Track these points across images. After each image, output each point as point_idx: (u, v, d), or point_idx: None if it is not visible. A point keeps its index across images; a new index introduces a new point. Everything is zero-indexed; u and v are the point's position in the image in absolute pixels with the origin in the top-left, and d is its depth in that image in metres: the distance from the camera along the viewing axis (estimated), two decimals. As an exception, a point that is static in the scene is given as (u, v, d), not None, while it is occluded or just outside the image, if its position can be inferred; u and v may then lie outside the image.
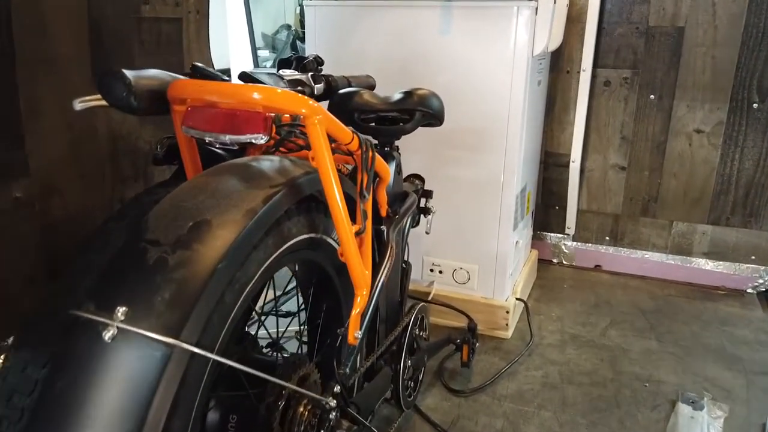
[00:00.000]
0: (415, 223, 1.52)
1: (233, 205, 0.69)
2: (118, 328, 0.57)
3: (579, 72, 2.11)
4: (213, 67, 1.68)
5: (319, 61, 1.24)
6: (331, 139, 0.85)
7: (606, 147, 2.20)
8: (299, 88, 1.13)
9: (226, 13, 3.52)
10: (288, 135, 0.83)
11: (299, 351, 1.00)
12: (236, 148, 0.73)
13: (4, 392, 0.72)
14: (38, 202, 1.15)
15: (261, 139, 0.70)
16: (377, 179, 1.08)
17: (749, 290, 2.16)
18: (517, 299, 1.89)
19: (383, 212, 1.17)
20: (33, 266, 1.15)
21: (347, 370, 0.88)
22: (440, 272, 1.89)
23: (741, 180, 2.06)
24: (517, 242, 1.89)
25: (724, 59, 1.97)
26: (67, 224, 1.22)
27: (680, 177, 2.14)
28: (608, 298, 2.11)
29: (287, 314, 1.27)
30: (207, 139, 0.72)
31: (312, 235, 0.89)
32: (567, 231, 2.35)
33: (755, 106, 1.97)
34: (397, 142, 1.31)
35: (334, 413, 0.85)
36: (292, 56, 1.25)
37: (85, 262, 0.78)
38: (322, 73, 1.25)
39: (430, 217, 1.52)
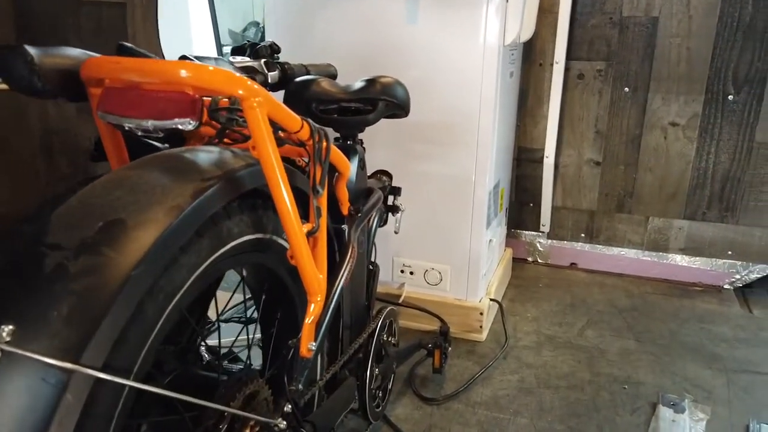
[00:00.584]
0: (383, 222, 1.43)
1: (155, 201, 0.59)
2: (2, 350, 0.47)
3: (552, 64, 2.05)
4: (162, 55, 1.56)
5: (274, 48, 1.14)
6: (282, 128, 0.75)
7: (580, 142, 2.14)
8: (250, 75, 1.04)
9: (188, 7, 3.39)
10: (230, 123, 0.73)
11: (248, 363, 0.90)
12: (160, 135, 0.64)
13: None
14: (-43, 203, 1.03)
15: (189, 125, 0.61)
16: (336, 174, 0.99)
17: (726, 286, 2.12)
18: (491, 300, 1.81)
19: (344, 210, 1.08)
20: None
21: (300, 386, 0.79)
22: (411, 273, 1.81)
23: (717, 174, 2.02)
24: (490, 241, 1.81)
25: (699, 50, 1.92)
26: (-6, 226, 1.10)
27: (656, 171, 2.09)
28: (584, 297, 2.05)
29: (242, 321, 1.17)
30: (126, 126, 0.62)
31: (259, 235, 0.79)
32: (542, 228, 2.28)
33: (730, 98, 1.93)
34: (360, 136, 1.22)
35: (284, 435, 0.75)
36: (247, 43, 1.15)
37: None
38: (279, 60, 1.15)
39: (398, 215, 1.43)
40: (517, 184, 2.24)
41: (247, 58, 1.11)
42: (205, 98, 0.67)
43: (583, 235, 2.25)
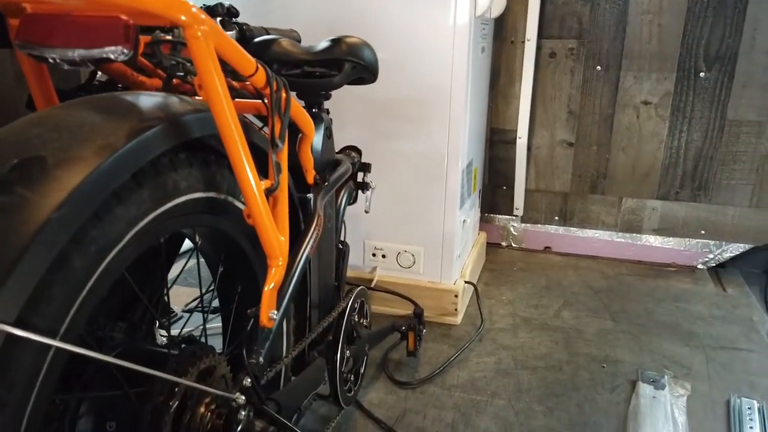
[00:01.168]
0: (353, 199, 1.36)
1: (82, 139, 0.51)
2: None
3: (524, 42, 2.01)
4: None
5: (232, 11, 1.06)
6: (234, 75, 0.68)
7: (553, 122, 2.10)
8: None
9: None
10: (174, 67, 0.66)
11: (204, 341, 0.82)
12: (90, 67, 0.56)
13: None
14: None
15: (122, 54, 0.53)
16: (300, 136, 0.92)
17: (700, 266, 2.11)
18: (466, 282, 1.76)
19: (309, 178, 1.01)
20: None
21: (260, 359, 0.72)
22: (383, 257, 1.74)
23: (689, 152, 2.01)
24: (464, 221, 1.76)
25: (671, 27, 1.90)
26: None
27: (628, 151, 2.06)
28: (559, 280, 2.02)
29: (201, 309, 1.09)
30: (49, 57, 0.54)
31: (212, 194, 0.72)
32: (515, 212, 2.24)
33: (702, 75, 1.92)
34: (327, 105, 1.15)
35: (244, 412, 0.68)
36: (203, 7, 1.07)
37: None
38: (237, 21, 1.08)
39: (368, 193, 1.37)
40: (490, 166, 2.20)
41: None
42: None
43: (556, 218, 2.22)
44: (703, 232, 2.07)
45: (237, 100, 0.79)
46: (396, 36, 1.54)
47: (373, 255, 1.75)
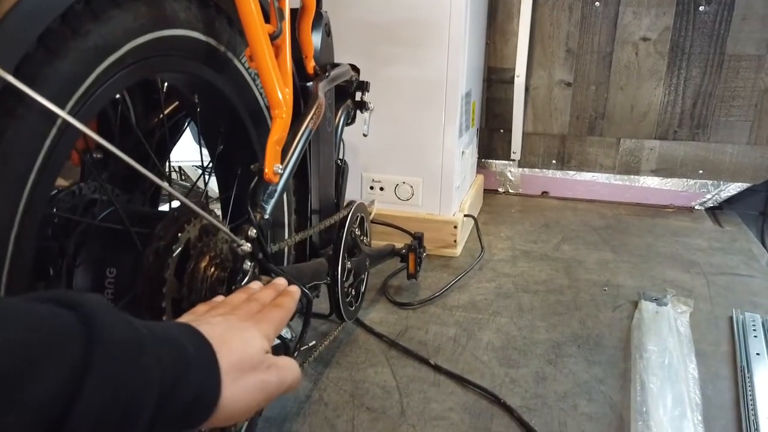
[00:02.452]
0: (351, 119, 1.33)
1: None
2: None
3: (521, -24, 1.97)
4: None
5: None
6: None
7: (551, 61, 2.07)
8: None
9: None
10: None
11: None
12: None
13: None
14: None
15: None
16: (300, 10, 0.89)
17: (697, 207, 2.11)
18: (465, 216, 1.74)
19: (309, 67, 0.98)
20: None
21: (265, 215, 0.69)
22: (381, 189, 1.72)
23: (688, 90, 1.99)
24: (463, 152, 1.74)
25: (670, -41, 1.87)
26: None
27: (627, 90, 2.04)
28: (558, 220, 2.00)
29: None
30: None
31: (211, 41, 0.68)
32: (512, 156, 2.22)
33: (702, 8, 1.89)
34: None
35: (249, 263, 0.65)
36: None
37: None
38: None
39: (367, 115, 1.34)
40: (487, 108, 2.17)
41: None
42: None
43: (554, 161, 2.20)
44: (701, 171, 2.06)
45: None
46: (394, -45, 1.50)
47: (371, 188, 1.72)
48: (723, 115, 1.98)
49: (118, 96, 0.74)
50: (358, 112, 1.33)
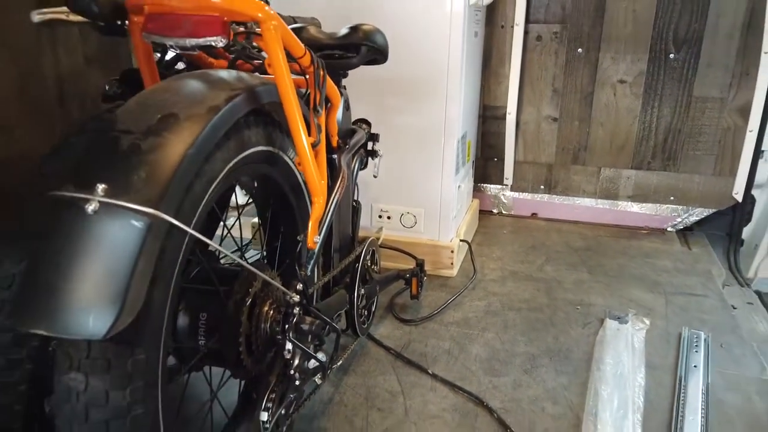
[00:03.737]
0: (364, 165, 1.59)
1: (198, 102, 0.74)
2: (99, 202, 0.62)
3: (513, 27, 2.23)
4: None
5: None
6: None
7: (539, 99, 2.33)
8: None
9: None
10: (242, 51, 0.88)
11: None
12: (196, 52, 0.78)
13: (-18, 287, 0.75)
14: (-11, 138, 1.15)
15: (221, 42, 0.76)
16: (329, 105, 1.15)
17: (669, 228, 2.36)
18: (461, 240, 2.01)
19: (334, 142, 1.24)
20: (-14, 202, 1.16)
21: (308, 272, 0.95)
22: (388, 218, 1.98)
23: (660, 126, 2.24)
24: (459, 186, 2.00)
25: (644, 12, 2.13)
26: (16, 162, 1.23)
27: (606, 126, 2.30)
28: (544, 241, 2.26)
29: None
30: (168, 44, 0.77)
31: (269, 148, 0.95)
32: (505, 182, 2.48)
33: (672, 56, 2.15)
34: (344, 82, 1.37)
35: (298, 309, 0.92)
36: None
37: (51, 169, 0.82)
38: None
39: (377, 159, 1.60)
40: (482, 140, 2.43)
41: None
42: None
43: (542, 186, 2.46)
44: (672, 198, 2.32)
45: (285, 76, 1.01)
46: (399, 21, 1.75)
47: (380, 216, 1.99)
48: (691, 149, 2.24)
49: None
50: (369, 158, 1.60)
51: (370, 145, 1.57)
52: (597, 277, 1.96)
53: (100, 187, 0.63)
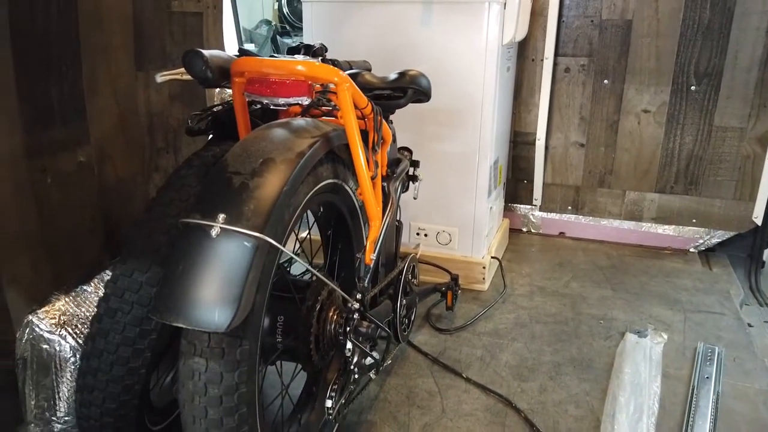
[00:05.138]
0: (405, 188, 1.78)
1: (288, 148, 0.94)
2: (221, 227, 0.82)
3: (542, 60, 2.40)
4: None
5: (324, 48, 1.49)
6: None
7: (567, 126, 2.49)
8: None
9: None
10: (318, 102, 1.08)
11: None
12: (284, 109, 0.98)
13: (118, 291, 0.96)
14: (96, 165, 1.38)
15: (306, 100, 0.96)
16: (382, 141, 1.34)
17: (692, 249, 2.49)
18: (492, 257, 2.17)
19: (384, 171, 1.43)
20: (93, 220, 1.38)
21: (366, 284, 1.14)
22: (425, 235, 2.16)
23: (682, 153, 2.38)
24: (491, 208, 2.17)
25: (666, 48, 2.28)
26: (117, 186, 1.45)
27: (631, 152, 2.45)
28: (570, 259, 2.41)
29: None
30: (264, 101, 0.97)
31: (335, 180, 1.14)
32: (534, 202, 2.64)
33: (693, 88, 2.29)
34: (391, 117, 1.57)
35: (356, 314, 1.11)
36: (300, 44, 1.49)
37: (167, 198, 1.02)
38: (328, 57, 1.50)
39: (417, 183, 1.78)
40: (513, 163, 2.60)
41: (307, 57, 1.45)
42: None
43: (570, 207, 2.61)
44: (694, 220, 2.44)
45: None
46: (438, 60, 1.95)
47: (417, 234, 2.17)
48: (712, 175, 2.37)
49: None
50: (410, 182, 1.79)
51: (411, 171, 1.76)
52: (620, 293, 2.10)
53: (221, 216, 0.83)
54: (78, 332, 1.21)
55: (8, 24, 1.12)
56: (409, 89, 1.46)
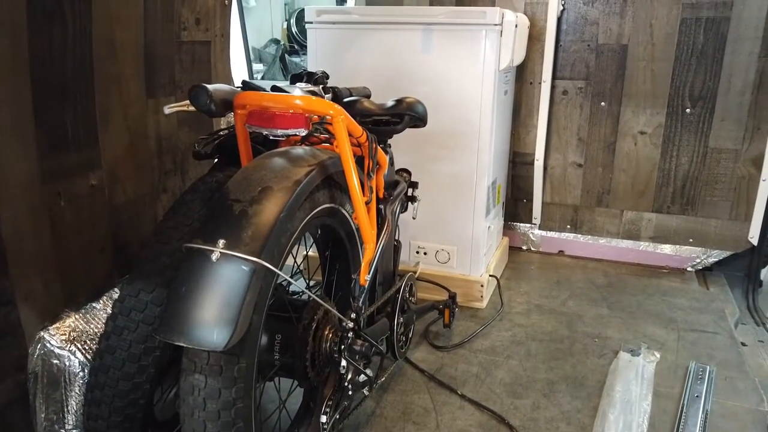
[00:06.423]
0: (404, 209, 1.84)
1: (285, 177, 1.00)
2: (221, 252, 0.88)
3: (540, 83, 2.46)
4: (232, 80, 1.98)
5: (326, 76, 1.56)
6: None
7: (565, 147, 2.55)
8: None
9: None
10: (313, 132, 1.15)
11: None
12: (284, 138, 1.04)
13: (125, 310, 1.02)
14: (107, 188, 1.45)
15: (303, 132, 1.02)
16: (377, 167, 1.40)
17: (689, 268, 2.52)
18: (490, 276, 2.22)
19: (381, 194, 1.49)
20: (103, 240, 1.45)
21: (360, 304, 1.20)
22: (425, 254, 2.22)
23: (678, 174, 2.43)
24: (489, 227, 2.22)
25: (661, 72, 2.33)
26: (126, 207, 1.52)
27: (628, 172, 2.49)
28: (569, 277, 2.45)
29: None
30: (264, 132, 1.04)
31: (332, 205, 1.20)
32: (534, 221, 2.69)
33: (688, 111, 2.34)
34: (389, 141, 1.63)
35: (351, 333, 1.16)
36: (303, 72, 1.56)
37: (173, 222, 1.09)
38: (329, 85, 1.57)
39: (416, 204, 1.84)
40: (512, 183, 2.65)
41: (309, 84, 1.52)
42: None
43: (568, 226, 2.65)
44: (691, 240, 2.48)
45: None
46: (437, 84, 2.01)
47: (417, 252, 2.23)
48: (708, 195, 2.41)
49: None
50: (409, 202, 1.84)
51: (410, 191, 1.82)
52: (616, 312, 2.14)
53: (221, 242, 0.89)
54: (87, 348, 1.27)
55: (28, 55, 1.20)
56: (405, 115, 1.52)
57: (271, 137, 1.05)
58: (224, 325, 0.86)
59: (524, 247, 2.75)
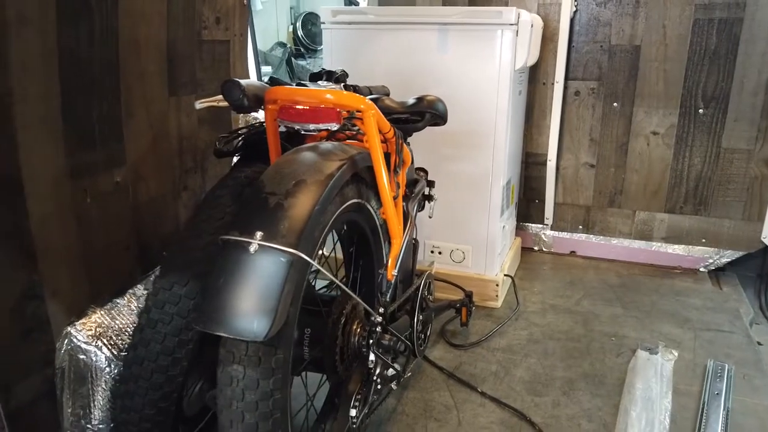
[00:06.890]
0: (421, 207, 1.84)
1: (318, 170, 1.01)
2: (258, 244, 0.89)
3: (553, 84, 2.47)
4: (250, 79, 1.99)
5: (346, 74, 1.57)
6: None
7: (577, 148, 2.56)
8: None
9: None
10: (343, 127, 1.16)
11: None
12: (316, 133, 1.05)
13: (159, 303, 1.03)
14: (131, 186, 1.45)
15: (335, 126, 1.03)
16: (402, 163, 1.41)
17: (701, 269, 2.52)
18: (505, 275, 2.22)
19: (403, 191, 1.50)
20: (127, 236, 1.46)
21: (387, 299, 1.20)
22: (440, 253, 2.22)
23: (691, 174, 2.43)
24: (504, 227, 2.23)
25: (674, 72, 2.34)
26: (149, 205, 1.53)
27: (641, 173, 2.50)
28: (582, 277, 2.46)
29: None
30: (296, 127, 1.04)
31: (359, 200, 1.21)
32: (546, 222, 2.69)
33: (701, 111, 2.35)
34: (408, 139, 1.64)
35: (379, 328, 1.16)
36: (322, 70, 1.57)
37: (205, 215, 1.09)
38: (349, 83, 1.58)
39: (432, 203, 1.85)
40: (525, 183, 2.66)
41: (330, 83, 1.53)
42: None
43: (581, 227, 2.66)
44: (703, 240, 2.48)
45: (371, 143, 1.28)
46: (453, 84, 2.02)
47: (432, 252, 2.23)
48: (720, 196, 2.41)
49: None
50: (426, 202, 1.85)
51: (426, 190, 1.83)
52: (631, 312, 2.14)
53: (258, 234, 0.90)
54: (112, 343, 1.27)
55: (57, 51, 1.20)
56: (426, 113, 1.53)
57: (302, 132, 1.06)
58: (263, 316, 0.86)
59: (536, 248, 2.76)
